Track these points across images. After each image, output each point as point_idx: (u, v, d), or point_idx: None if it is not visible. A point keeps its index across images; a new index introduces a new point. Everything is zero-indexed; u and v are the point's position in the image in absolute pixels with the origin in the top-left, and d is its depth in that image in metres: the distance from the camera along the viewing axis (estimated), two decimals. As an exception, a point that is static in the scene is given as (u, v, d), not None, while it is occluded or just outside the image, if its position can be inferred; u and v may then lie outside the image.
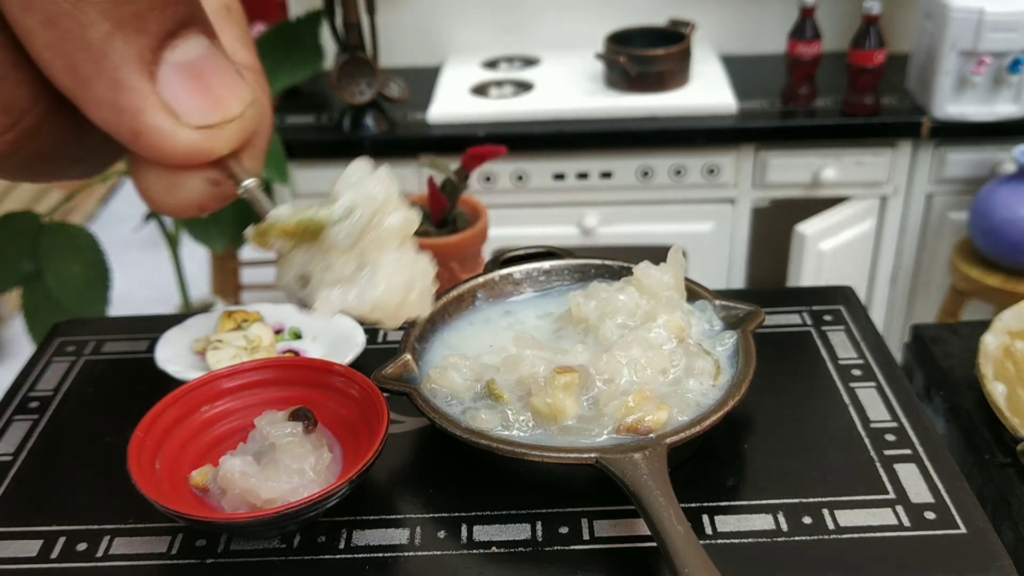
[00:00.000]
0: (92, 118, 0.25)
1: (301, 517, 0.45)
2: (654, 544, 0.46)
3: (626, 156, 1.43)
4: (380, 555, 0.46)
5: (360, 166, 0.32)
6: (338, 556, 0.46)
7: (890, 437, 0.53)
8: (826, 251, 1.42)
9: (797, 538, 0.46)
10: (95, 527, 0.49)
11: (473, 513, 0.49)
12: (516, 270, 0.60)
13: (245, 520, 0.45)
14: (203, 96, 0.25)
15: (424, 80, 1.55)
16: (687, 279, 0.56)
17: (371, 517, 0.49)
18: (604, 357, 0.49)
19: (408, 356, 0.52)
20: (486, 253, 1.37)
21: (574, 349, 0.51)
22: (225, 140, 0.26)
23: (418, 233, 0.32)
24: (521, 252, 0.61)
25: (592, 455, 0.44)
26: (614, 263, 0.60)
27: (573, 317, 0.55)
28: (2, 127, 0.25)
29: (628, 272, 0.57)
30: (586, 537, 0.47)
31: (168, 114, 0.25)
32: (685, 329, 0.52)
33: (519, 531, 0.47)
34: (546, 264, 0.61)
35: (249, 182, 0.29)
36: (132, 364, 0.63)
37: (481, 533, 0.47)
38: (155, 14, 0.24)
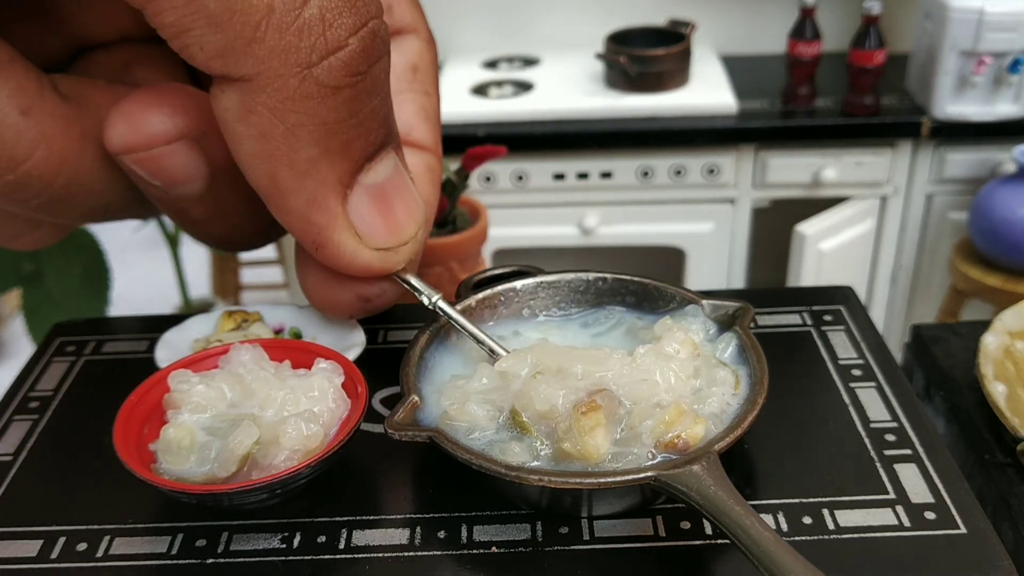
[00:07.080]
0: (280, 221, 0.26)
1: (291, 484, 0.46)
2: (654, 544, 0.46)
3: (626, 156, 1.43)
4: (380, 555, 0.46)
5: None
6: (338, 556, 0.46)
7: (890, 437, 0.53)
8: (826, 251, 1.42)
9: (797, 538, 0.46)
10: (95, 527, 0.49)
11: (473, 513, 0.48)
12: (498, 291, 0.55)
13: (223, 491, 0.45)
14: (386, 220, 0.26)
15: (424, 80, 1.55)
16: (662, 283, 0.55)
17: (371, 517, 0.49)
18: (628, 374, 0.48)
19: (415, 398, 0.49)
20: (486, 253, 1.37)
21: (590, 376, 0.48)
22: (399, 261, 0.28)
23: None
24: (490, 274, 0.57)
25: (649, 474, 0.44)
26: (607, 276, 0.57)
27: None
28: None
29: (620, 285, 0.56)
30: (586, 537, 0.47)
31: (352, 234, 0.26)
32: (698, 345, 0.51)
33: (519, 531, 0.47)
34: (516, 283, 0.56)
35: (436, 298, 0.34)
36: (132, 364, 0.63)
37: (481, 533, 0.47)
38: (360, 141, 0.25)
